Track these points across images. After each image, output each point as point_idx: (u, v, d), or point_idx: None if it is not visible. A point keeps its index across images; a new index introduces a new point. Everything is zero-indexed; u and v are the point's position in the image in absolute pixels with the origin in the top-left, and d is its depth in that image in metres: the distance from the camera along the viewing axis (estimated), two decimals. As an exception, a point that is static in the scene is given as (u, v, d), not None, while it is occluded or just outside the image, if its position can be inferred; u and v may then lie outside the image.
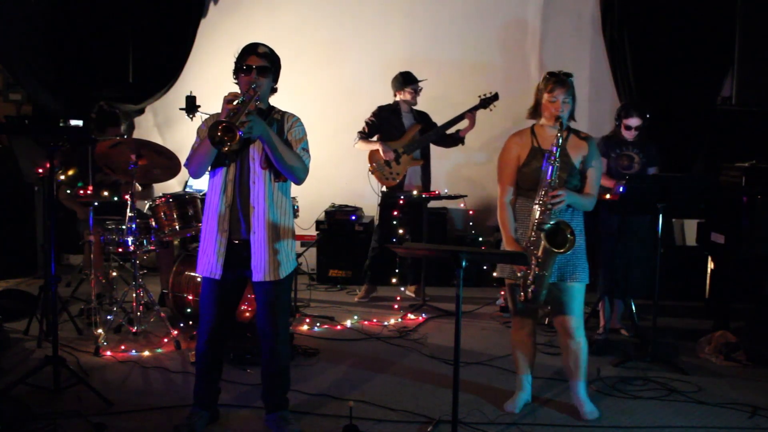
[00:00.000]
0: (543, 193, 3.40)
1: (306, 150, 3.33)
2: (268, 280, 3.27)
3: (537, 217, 3.40)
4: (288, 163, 3.20)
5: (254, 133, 3.07)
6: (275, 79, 3.34)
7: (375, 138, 5.93)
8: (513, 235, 3.56)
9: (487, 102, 5.90)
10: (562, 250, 3.31)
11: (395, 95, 6.02)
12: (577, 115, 3.63)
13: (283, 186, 3.32)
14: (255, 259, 3.26)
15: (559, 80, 3.50)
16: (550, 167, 3.40)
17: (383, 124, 5.96)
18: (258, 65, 3.22)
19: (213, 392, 3.50)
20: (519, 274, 3.45)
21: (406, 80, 5.94)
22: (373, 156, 5.94)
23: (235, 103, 3.05)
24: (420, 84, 5.97)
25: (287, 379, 3.47)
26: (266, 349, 3.38)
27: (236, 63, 3.28)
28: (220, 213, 3.26)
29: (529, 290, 3.40)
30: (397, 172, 5.91)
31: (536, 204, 3.42)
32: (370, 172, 5.96)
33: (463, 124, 5.93)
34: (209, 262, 3.28)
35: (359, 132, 5.97)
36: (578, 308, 3.57)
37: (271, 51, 3.30)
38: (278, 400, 3.46)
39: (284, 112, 3.38)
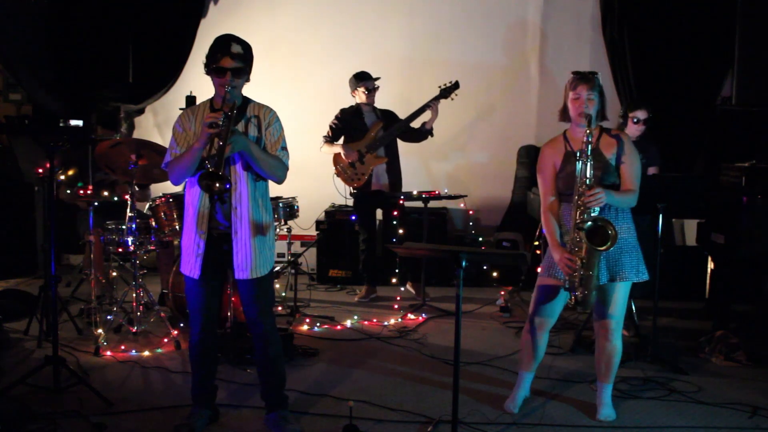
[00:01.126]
0: (580, 193, 3.36)
1: (285, 149, 3.33)
2: (252, 278, 3.30)
3: (576, 217, 3.36)
4: (269, 169, 3.23)
5: (236, 149, 3.11)
6: (249, 72, 3.25)
7: (340, 141, 5.93)
8: (558, 240, 3.49)
9: (447, 91, 5.85)
10: (603, 248, 3.27)
11: (353, 95, 6.00)
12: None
13: (263, 185, 3.34)
14: (238, 257, 3.27)
15: (582, 77, 3.44)
16: (584, 166, 3.36)
17: (346, 126, 5.95)
18: (232, 67, 3.14)
19: (210, 389, 3.51)
20: (566, 278, 3.41)
21: (358, 79, 5.91)
22: (336, 159, 5.94)
23: (215, 128, 3.02)
24: (375, 83, 5.92)
25: (282, 370, 3.49)
26: (258, 337, 3.40)
27: (208, 59, 3.19)
28: (199, 213, 3.26)
29: (578, 293, 3.36)
30: (362, 172, 5.90)
31: (574, 204, 3.39)
32: (335, 175, 5.96)
33: (428, 116, 5.90)
34: (189, 262, 3.31)
35: (324, 136, 5.96)
36: (620, 309, 3.54)
37: (244, 48, 3.19)
38: (277, 396, 3.47)
39: (260, 106, 3.33)
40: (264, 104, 3.35)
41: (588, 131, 3.35)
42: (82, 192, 5.18)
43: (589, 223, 3.30)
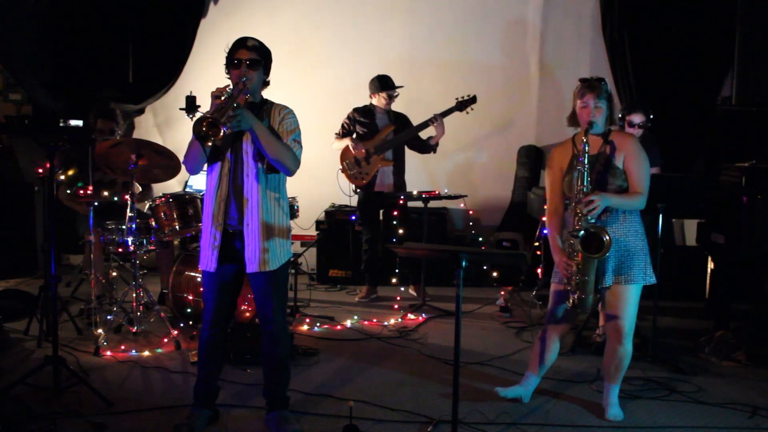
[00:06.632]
0: (577, 200, 3.39)
1: (297, 141, 3.33)
2: (262, 271, 3.29)
3: (574, 224, 3.39)
4: (277, 154, 3.20)
5: (243, 126, 3.11)
6: (266, 72, 3.37)
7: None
8: (560, 244, 3.55)
9: (463, 105, 5.79)
10: (597, 255, 3.30)
11: (371, 97, 6.01)
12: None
13: (275, 178, 3.33)
14: (248, 250, 3.28)
15: (589, 85, 3.47)
16: (579, 174, 3.39)
17: (357, 126, 5.96)
18: (247, 58, 3.25)
19: (213, 389, 3.51)
20: (564, 281, 3.47)
21: (382, 85, 5.92)
22: (344, 155, 5.95)
23: (222, 98, 3.08)
24: (397, 90, 5.94)
25: (287, 371, 3.49)
26: (266, 335, 3.41)
27: (227, 57, 3.31)
28: (215, 207, 3.30)
29: (575, 296, 3.41)
30: (366, 172, 5.91)
31: (572, 211, 3.42)
32: (339, 171, 5.97)
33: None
34: (206, 255, 3.33)
35: (336, 133, 6.01)
36: (630, 312, 3.54)
37: (261, 44, 3.33)
38: (279, 396, 3.47)
39: (277, 105, 3.39)
40: (281, 104, 3.40)
41: (584, 139, 3.39)
42: (82, 192, 5.18)
43: (582, 231, 3.33)
